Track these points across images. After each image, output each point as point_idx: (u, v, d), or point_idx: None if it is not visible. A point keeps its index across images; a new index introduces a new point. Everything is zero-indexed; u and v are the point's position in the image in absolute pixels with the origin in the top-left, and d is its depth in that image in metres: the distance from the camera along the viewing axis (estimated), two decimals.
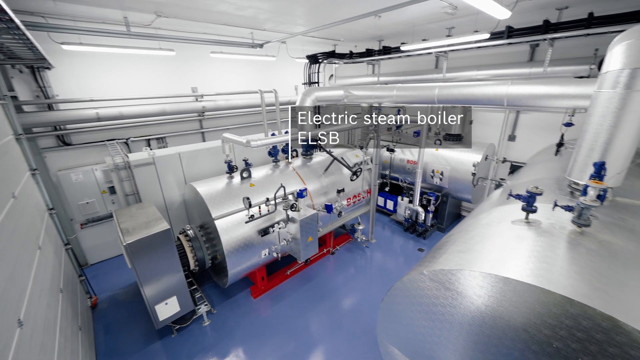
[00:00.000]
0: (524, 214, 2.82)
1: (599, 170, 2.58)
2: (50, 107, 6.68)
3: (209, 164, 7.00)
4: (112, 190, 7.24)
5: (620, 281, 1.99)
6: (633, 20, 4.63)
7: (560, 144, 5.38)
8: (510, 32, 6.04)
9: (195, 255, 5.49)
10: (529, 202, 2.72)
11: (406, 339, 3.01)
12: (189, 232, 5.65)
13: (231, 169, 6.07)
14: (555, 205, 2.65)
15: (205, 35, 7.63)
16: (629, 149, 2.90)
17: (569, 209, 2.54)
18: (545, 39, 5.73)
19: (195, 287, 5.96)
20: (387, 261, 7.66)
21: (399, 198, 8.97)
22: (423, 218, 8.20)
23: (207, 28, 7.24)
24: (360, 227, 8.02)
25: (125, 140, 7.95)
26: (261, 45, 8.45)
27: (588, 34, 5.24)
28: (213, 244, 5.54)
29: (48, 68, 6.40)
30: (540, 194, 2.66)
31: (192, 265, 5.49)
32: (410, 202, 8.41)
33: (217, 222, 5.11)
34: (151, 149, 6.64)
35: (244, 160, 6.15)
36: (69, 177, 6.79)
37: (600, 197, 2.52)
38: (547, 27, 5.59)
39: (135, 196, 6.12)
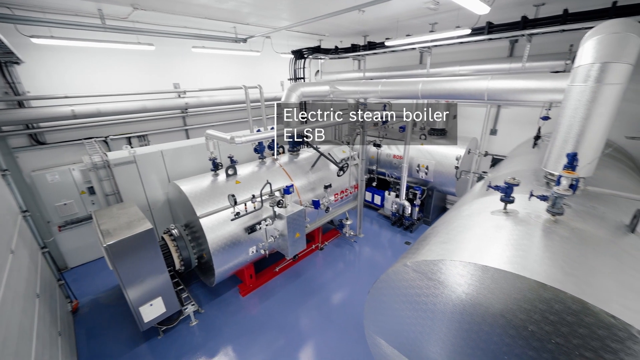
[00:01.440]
0: (503, 204, 2.91)
1: (572, 161, 2.68)
2: (20, 105, 6.34)
3: (193, 161, 6.86)
4: (92, 190, 6.97)
5: (590, 266, 2.09)
6: (604, 16, 4.81)
7: (537, 137, 5.59)
8: (490, 28, 6.17)
9: (180, 254, 5.39)
10: (506, 192, 2.81)
11: (392, 330, 3.07)
12: (173, 231, 5.53)
13: (216, 166, 5.96)
14: (531, 195, 2.75)
15: (186, 30, 7.41)
16: (600, 140, 3.02)
17: (543, 198, 2.64)
18: (523, 35, 5.89)
19: (181, 287, 5.86)
20: (375, 255, 7.76)
21: (386, 193, 9.08)
22: (409, 212, 8.35)
23: (188, 22, 7.03)
24: (348, 222, 8.08)
25: (104, 139, 7.67)
26: (245, 40, 8.28)
27: (563, 30, 5.42)
28: (199, 243, 5.45)
29: (17, 63, 6.06)
30: (517, 185, 2.75)
31: (177, 265, 5.39)
32: (397, 196, 8.54)
33: (202, 221, 5.03)
34: (132, 147, 6.43)
35: (229, 157, 6.06)
36: (44, 177, 6.49)
37: (573, 187, 2.63)
38: (525, 23, 5.75)
39: (116, 196, 5.93)
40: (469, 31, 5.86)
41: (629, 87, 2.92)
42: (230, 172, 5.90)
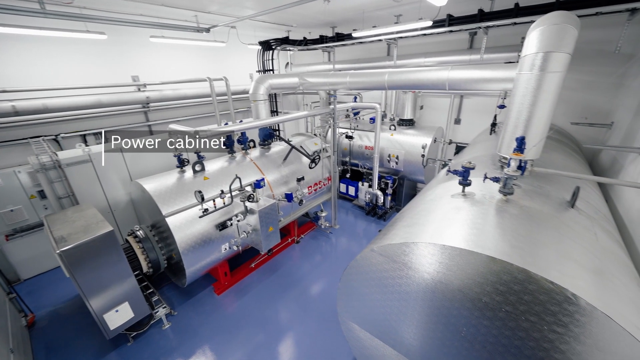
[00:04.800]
0: (462, 187, 3.08)
1: (520, 144, 2.90)
2: None
3: (157, 158, 6.50)
4: (43, 194, 6.37)
5: (534, 239, 2.28)
6: (550, 10, 5.17)
7: (494, 124, 5.95)
8: (450, 20, 6.40)
9: (147, 257, 5.13)
10: (464, 176, 2.97)
11: (363, 314, 3.17)
12: (138, 233, 5.24)
13: (182, 162, 5.70)
14: (485, 177, 2.93)
15: (142, 17, 6.90)
16: (545, 124, 3.28)
17: (496, 180, 2.83)
18: (480, 27, 6.18)
19: (151, 290, 5.59)
20: (351, 245, 7.92)
21: (360, 183, 9.25)
22: (382, 201, 8.58)
23: (143, 9, 6.55)
24: (324, 214, 8.15)
25: (54, 137, 7.02)
26: (208, 30, 7.90)
27: (515, 23, 5.76)
28: (167, 243, 5.22)
29: None
30: (472, 169, 2.92)
31: (145, 268, 5.14)
32: (370, 186, 8.72)
33: (168, 220, 4.81)
34: (87, 145, 5.95)
35: (196, 152, 5.80)
36: None
37: (522, 168, 2.84)
38: (481, 16, 6.03)
39: (71, 198, 5.49)
40: (430, 23, 6.04)
41: (571, 76, 3.19)
42: (197, 168, 5.67)
